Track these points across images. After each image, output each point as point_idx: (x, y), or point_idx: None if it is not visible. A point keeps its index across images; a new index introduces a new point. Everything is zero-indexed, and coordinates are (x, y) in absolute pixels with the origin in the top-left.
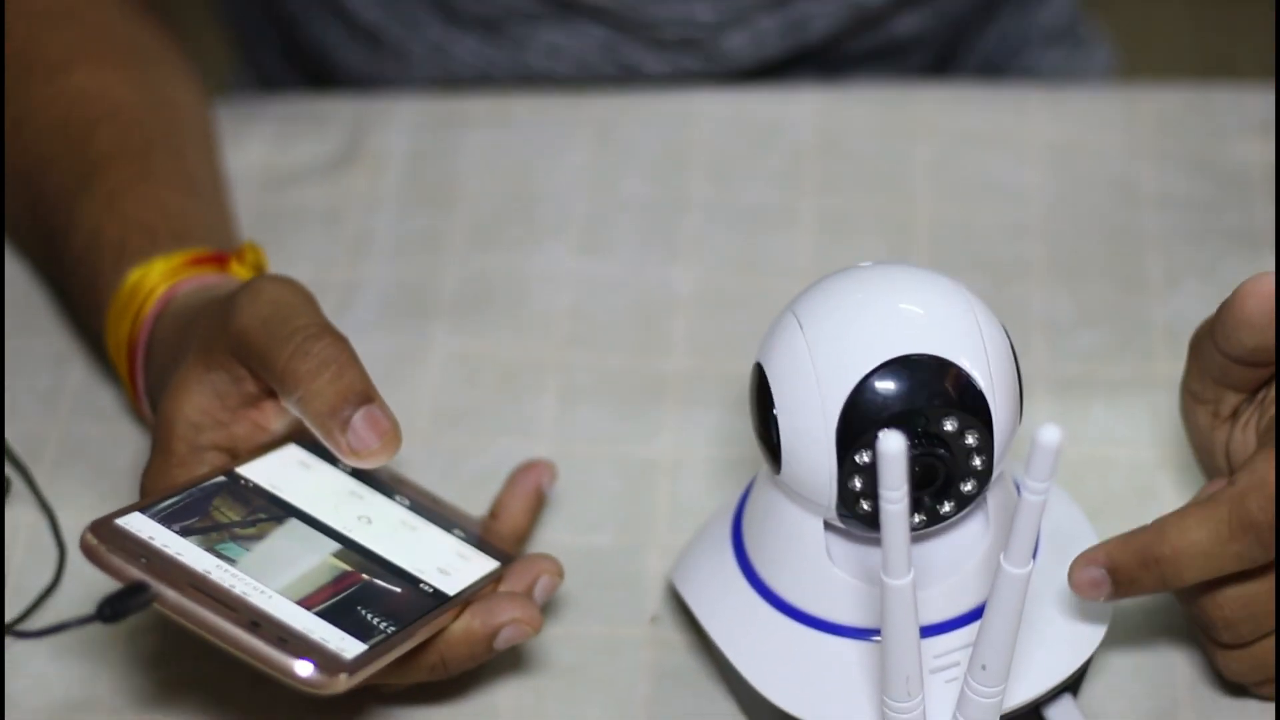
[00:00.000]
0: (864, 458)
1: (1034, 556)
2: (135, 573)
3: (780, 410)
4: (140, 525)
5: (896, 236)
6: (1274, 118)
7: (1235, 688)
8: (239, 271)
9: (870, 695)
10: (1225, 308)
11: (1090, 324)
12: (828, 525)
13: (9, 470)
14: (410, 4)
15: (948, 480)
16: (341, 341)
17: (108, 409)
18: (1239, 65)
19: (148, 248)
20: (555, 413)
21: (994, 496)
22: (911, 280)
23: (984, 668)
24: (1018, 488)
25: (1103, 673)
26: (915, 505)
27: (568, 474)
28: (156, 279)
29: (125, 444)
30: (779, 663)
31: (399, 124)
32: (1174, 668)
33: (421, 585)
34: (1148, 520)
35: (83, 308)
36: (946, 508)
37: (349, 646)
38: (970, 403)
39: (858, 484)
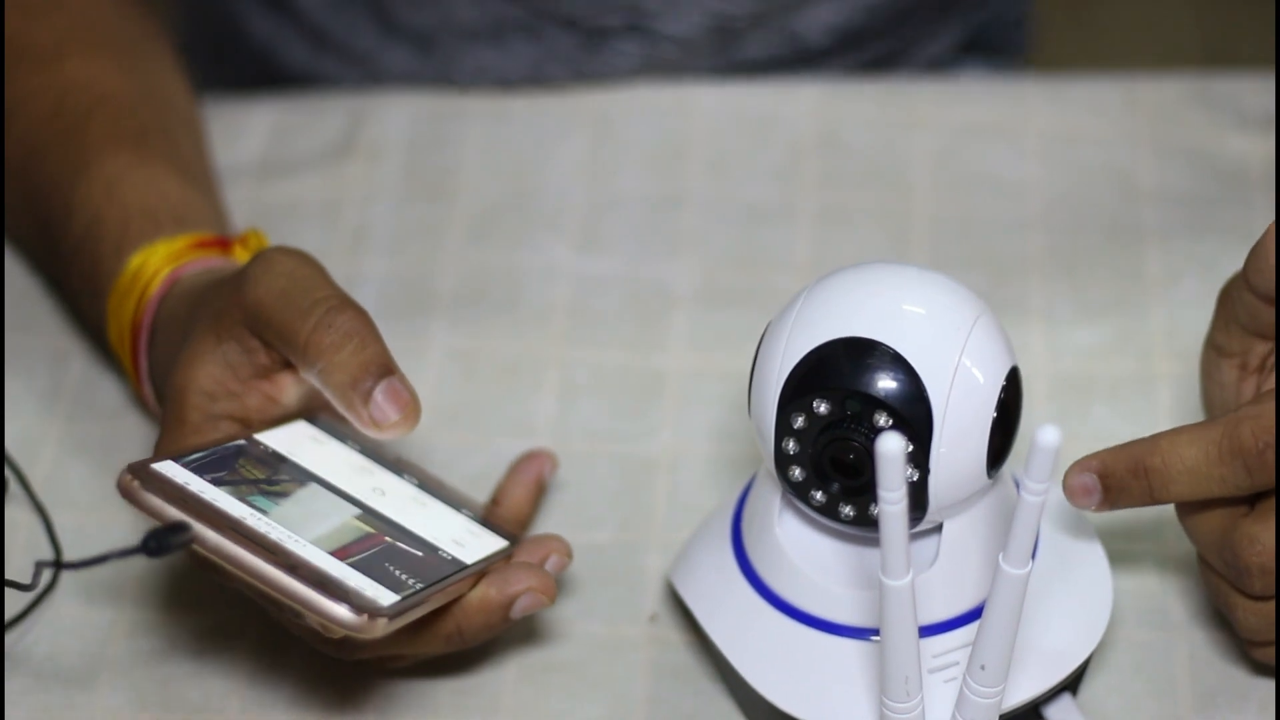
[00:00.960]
0: (797, 421)
1: (1033, 557)
2: (175, 512)
3: (757, 365)
4: (175, 472)
5: (895, 230)
6: (1274, 110)
7: (1235, 688)
8: (242, 256)
9: (869, 695)
10: (1258, 245)
11: (1089, 320)
12: (826, 525)
13: (6, 472)
14: (351, 10)
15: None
16: (363, 314)
17: (107, 407)
18: (1239, 55)
19: (150, 231)
20: (554, 409)
21: (993, 496)
22: (926, 285)
23: (983, 667)
24: (1017, 487)
25: (1102, 671)
26: (844, 494)
27: (566, 471)
28: (160, 262)
29: (125, 442)
30: (777, 662)
31: (396, 118)
32: (1174, 666)
33: (440, 552)
34: (1146, 519)
35: (82, 295)
36: (873, 509)
37: (384, 595)
38: (910, 407)
39: (789, 447)
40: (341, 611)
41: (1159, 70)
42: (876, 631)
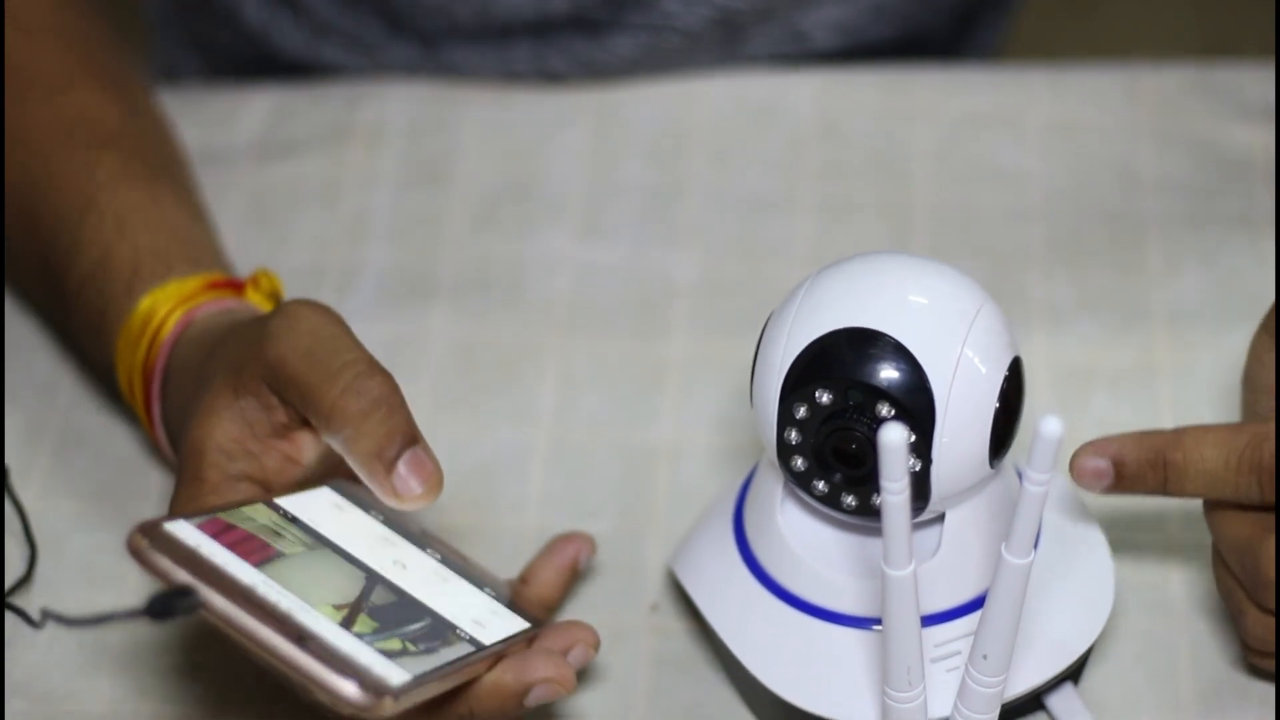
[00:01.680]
0: (799, 411)
1: (1035, 547)
2: (184, 576)
3: (759, 356)
4: (187, 533)
5: (896, 221)
6: (1274, 100)
7: (1237, 678)
8: (254, 298)
9: (871, 684)
10: None
11: (1090, 310)
12: (828, 515)
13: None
14: (357, 7)
15: (876, 473)
16: (390, 379)
17: (106, 399)
18: (1239, 49)
19: (162, 272)
20: (555, 399)
21: (995, 486)
22: (930, 275)
23: (985, 657)
24: (1020, 477)
25: (1104, 661)
26: (847, 483)
27: (567, 461)
28: (172, 303)
29: (124, 433)
30: (779, 651)
31: (396, 104)
32: (1176, 655)
33: (458, 630)
34: (1149, 508)
35: (88, 334)
36: (875, 499)
37: (394, 674)
38: (913, 398)
39: (791, 437)
40: (349, 689)
41: (1160, 60)
42: (878, 621)
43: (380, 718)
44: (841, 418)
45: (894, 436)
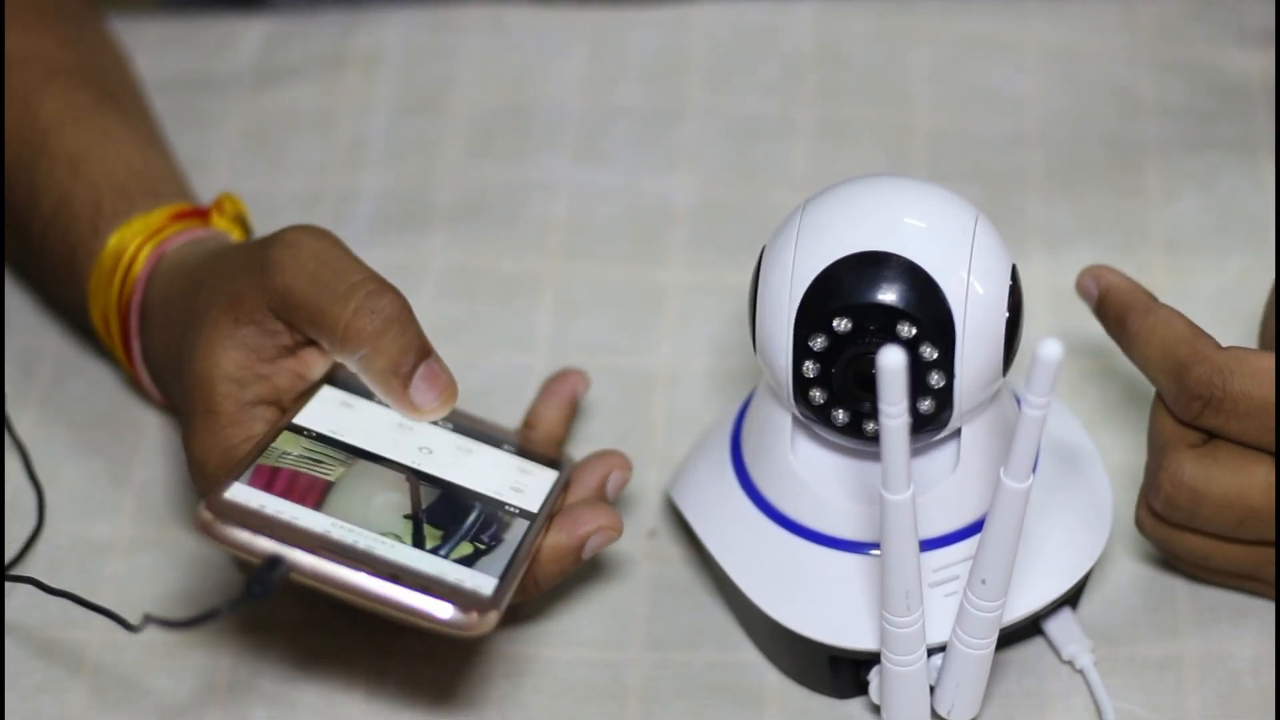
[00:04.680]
0: (816, 343)
1: (1034, 471)
2: (265, 544)
3: (761, 289)
4: (247, 495)
5: (894, 145)
6: (1273, 25)
7: (1234, 600)
8: (220, 223)
9: (869, 609)
10: None
11: (1089, 234)
12: (825, 439)
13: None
14: None
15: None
16: (400, 297)
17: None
18: None
19: (124, 208)
20: (552, 324)
21: (994, 410)
22: (921, 194)
23: (984, 582)
24: (1018, 402)
25: (1102, 586)
26: (872, 411)
27: None
28: (140, 239)
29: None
30: (777, 577)
31: (391, 29)
32: (1173, 581)
33: (507, 507)
34: (1143, 430)
35: (56, 280)
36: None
37: (483, 583)
38: (932, 314)
39: (809, 370)
40: (454, 614)
41: None
42: (876, 546)
43: (484, 632)
44: (862, 343)
45: (893, 359)
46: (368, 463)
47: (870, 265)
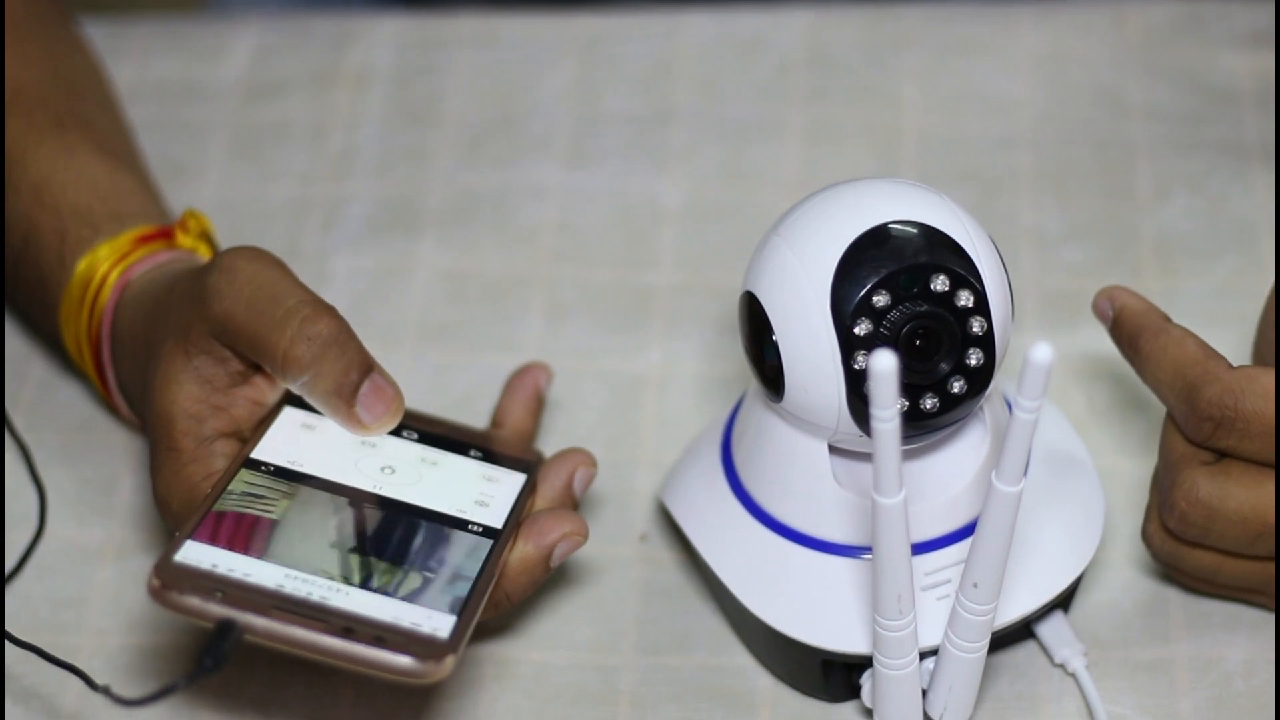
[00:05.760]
0: (861, 327)
1: (1025, 474)
2: (216, 609)
3: (774, 321)
4: (198, 555)
5: (883, 148)
6: (1261, 29)
7: (1227, 606)
8: (185, 242)
9: (861, 613)
10: None
11: (1078, 237)
12: (823, 438)
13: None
14: None
15: (952, 351)
16: (337, 317)
17: None
18: None
19: (89, 235)
20: (542, 328)
21: (986, 413)
22: (889, 183)
23: (975, 585)
24: (1009, 406)
25: (1093, 589)
26: (926, 384)
27: (555, 390)
28: (106, 266)
29: None
30: (769, 580)
31: (382, 42)
32: (1165, 585)
33: (470, 527)
34: (1133, 433)
35: (32, 308)
36: (956, 386)
37: (440, 623)
38: (958, 262)
39: (860, 361)
40: (407, 664)
41: None
42: (868, 549)
43: (443, 677)
44: (908, 310)
45: (884, 364)
46: (312, 490)
47: (881, 239)
